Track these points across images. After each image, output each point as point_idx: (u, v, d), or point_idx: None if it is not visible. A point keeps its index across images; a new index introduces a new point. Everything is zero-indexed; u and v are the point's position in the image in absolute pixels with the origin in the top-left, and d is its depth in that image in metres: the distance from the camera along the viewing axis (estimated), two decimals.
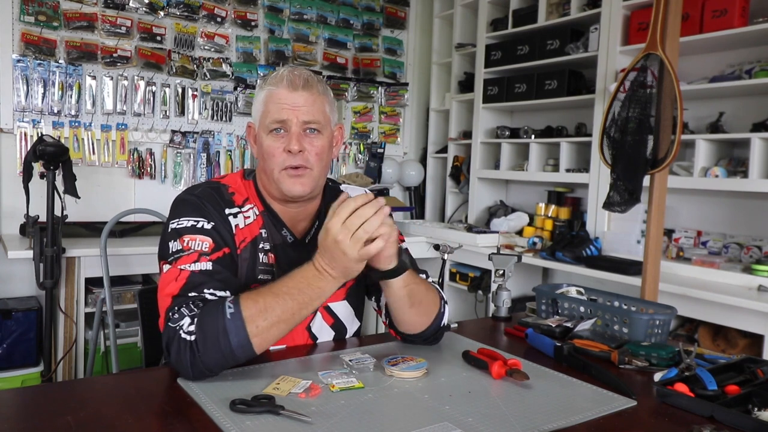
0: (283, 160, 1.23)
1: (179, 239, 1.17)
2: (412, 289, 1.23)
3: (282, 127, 1.23)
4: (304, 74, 1.25)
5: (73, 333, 2.61)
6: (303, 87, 1.23)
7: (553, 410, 1.00)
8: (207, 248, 1.17)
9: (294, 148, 1.21)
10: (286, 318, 1.08)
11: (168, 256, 1.17)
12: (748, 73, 2.52)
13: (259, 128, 1.27)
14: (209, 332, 1.05)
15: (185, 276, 1.13)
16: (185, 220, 1.20)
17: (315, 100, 1.24)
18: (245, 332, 1.05)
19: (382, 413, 0.96)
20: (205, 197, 1.24)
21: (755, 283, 2.29)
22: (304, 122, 1.23)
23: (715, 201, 2.75)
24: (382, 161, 3.97)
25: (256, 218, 1.30)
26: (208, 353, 1.04)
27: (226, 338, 1.04)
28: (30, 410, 0.96)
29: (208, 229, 1.19)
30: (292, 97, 1.22)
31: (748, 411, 1.00)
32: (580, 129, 3.27)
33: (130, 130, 3.25)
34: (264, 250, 1.29)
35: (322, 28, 3.84)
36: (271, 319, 1.07)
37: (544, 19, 3.31)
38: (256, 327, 1.06)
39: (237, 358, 1.07)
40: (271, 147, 1.24)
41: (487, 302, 3.18)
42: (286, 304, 1.07)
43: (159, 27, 3.29)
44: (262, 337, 1.07)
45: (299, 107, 1.22)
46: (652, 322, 1.40)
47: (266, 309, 1.07)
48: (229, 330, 1.04)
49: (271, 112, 1.23)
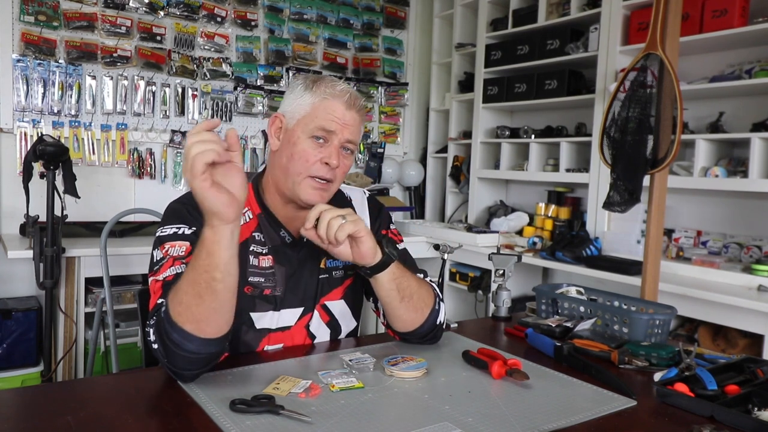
0: (317, 168, 1.25)
1: (160, 247, 1.20)
2: (400, 282, 1.24)
3: (325, 137, 1.25)
4: (360, 98, 1.30)
5: (73, 333, 2.61)
6: (357, 110, 1.29)
7: (553, 410, 1.00)
8: (183, 252, 1.17)
9: (334, 163, 1.25)
10: (195, 290, 1.01)
11: (152, 267, 1.19)
12: (748, 73, 2.52)
13: (296, 127, 1.27)
14: (161, 337, 1.05)
15: (160, 286, 1.14)
16: (168, 228, 1.22)
17: (359, 124, 1.31)
18: (176, 324, 1.02)
19: (382, 413, 0.96)
20: (190, 203, 1.23)
21: (755, 283, 2.29)
22: (347, 140, 1.27)
23: (715, 201, 2.75)
24: (382, 161, 3.97)
25: (249, 221, 1.30)
26: (170, 356, 1.04)
27: (169, 338, 1.03)
28: (30, 410, 0.96)
29: (188, 235, 1.20)
30: (346, 115, 1.26)
31: (748, 411, 1.00)
32: (580, 129, 3.27)
33: (130, 130, 3.25)
34: (255, 253, 1.29)
35: (322, 28, 3.84)
36: (185, 299, 1.02)
37: (544, 19, 3.31)
38: (179, 314, 1.02)
39: (194, 351, 1.03)
40: (307, 152, 1.25)
41: (487, 302, 3.18)
42: (188, 276, 1.03)
43: (159, 27, 3.29)
44: (188, 318, 1.02)
45: (348, 126, 1.27)
46: (652, 322, 1.40)
47: (177, 291, 1.03)
48: (167, 329, 1.03)
49: (321, 118, 1.25)
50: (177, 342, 1.03)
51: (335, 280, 1.37)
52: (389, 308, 1.28)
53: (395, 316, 1.30)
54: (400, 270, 1.25)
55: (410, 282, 1.27)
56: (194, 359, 1.05)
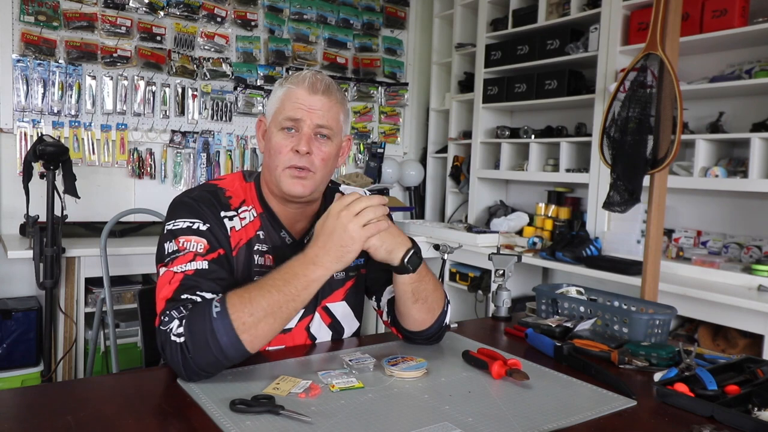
0: (289, 158, 1.23)
1: (175, 240, 1.18)
2: (418, 285, 1.24)
3: (294, 126, 1.24)
4: (326, 80, 1.27)
5: (73, 333, 2.61)
6: (323, 92, 1.24)
7: (553, 410, 1.00)
8: (202, 249, 1.17)
9: (302, 149, 1.22)
10: (273, 311, 1.06)
11: (164, 258, 1.18)
12: (748, 73, 2.52)
13: (271, 123, 1.27)
14: (197, 333, 1.04)
15: (179, 279, 1.13)
16: (181, 221, 1.21)
17: (331, 107, 1.25)
18: (233, 330, 1.04)
19: (382, 413, 0.96)
20: (201, 200, 1.24)
21: (755, 283, 2.29)
22: (317, 125, 1.24)
23: (715, 201, 2.75)
24: (382, 161, 3.97)
25: (253, 220, 1.29)
26: (199, 354, 1.04)
27: (214, 338, 1.03)
28: (30, 410, 0.95)
29: (203, 231, 1.20)
30: (310, 100, 1.23)
31: (748, 411, 1.00)
32: (580, 129, 3.27)
33: (130, 130, 3.25)
34: (260, 252, 1.29)
35: (322, 28, 3.84)
36: (258, 314, 1.05)
37: (544, 19, 3.31)
38: (243, 323, 1.04)
39: (229, 357, 1.06)
40: (279, 144, 1.24)
41: (487, 302, 3.18)
42: (272, 297, 1.06)
43: (159, 27, 3.29)
44: (251, 333, 1.05)
45: (315, 110, 1.23)
46: (652, 322, 1.40)
47: (252, 303, 1.05)
48: (217, 329, 1.03)
49: (286, 109, 1.24)
50: (222, 345, 1.03)
51: (336, 282, 1.37)
52: (403, 307, 1.28)
53: (407, 315, 1.30)
54: (419, 274, 1.24)
55: (428, 285, 1.26)
56: (222, 364, 1.07)
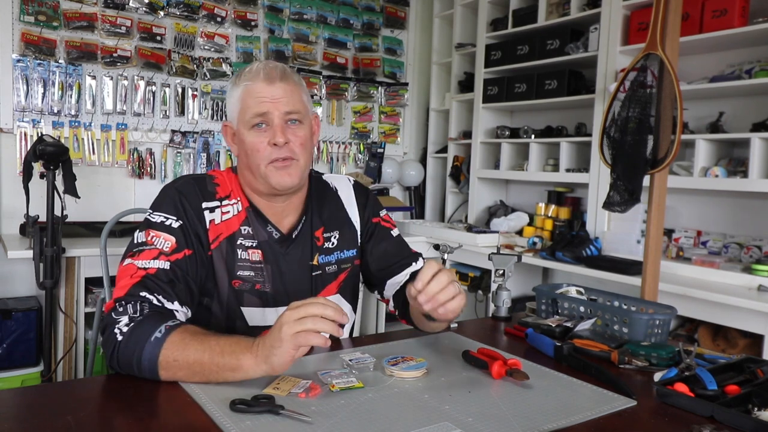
0: (269, 153, 1.23)
1: (146, 231, 1.21)
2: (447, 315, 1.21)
3: (264, 120, 1.23)
4: (278, 66, 1.26)
5: (73, 333, 2.61)
6: (280, 79, 1.24)
7: (553, 410, 1.00)
8: (168, 248, 1.18)
9: (280, 141, 1.22)
10: (194, 370, 1.03)
11: (132, 247, 1.19)
12: (748, 73, 2.52)
13: (239, 125, 1.27)
14: (132, 342, 1.06)
15: (140, 275, 1.14)
16: (158, 215, 1.23)
17: (293, 91, 1.25)
18: (156, 361, 1.04)
19: (382, 413, 0.96)
20: (183, 191, 1.25)
21: (755, 283, 2.28)
22: (286, 113, 1.23)
23: (715, 201, 2.75)
24: (382, 161, 3.96)
25: (238, 213, 1.29)
26: (123, 358, 1.06)
27: (140, 356, 1.04)
28: (30, 410, 0.95)
29: (174, 228, 1.21)
30: (270, 90, 1.22)
31: (748, 411, 1.00)
32: (580, 129, 3.27)
33: (130, 130, 3.25)
34: (243, 246, 1.28)
35: (322, 28, 3.84)
36: (181, 363, 1.03)
37: (544, 19, 3.31)
38: (167, 362, 1.04)
39: (144, 376, 1.06)
40: (255, 142, 1.24)
41: (487, 302, 3.18)
42: (202, 358, 1.03)
43: (159, 27, 3.29)
44: (169, 372, 1.04)
45: (279, 99, 1.23)
46: (652, 322, 1.40)
47: (185, 350, 1.03)
48: (145, 351, 1.04)
49: (250, 107, 1.23)
50: (142, 366, 1.05)
51: (329, 276, 1.37)
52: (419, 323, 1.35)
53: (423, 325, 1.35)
54: None
55: None
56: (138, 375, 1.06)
